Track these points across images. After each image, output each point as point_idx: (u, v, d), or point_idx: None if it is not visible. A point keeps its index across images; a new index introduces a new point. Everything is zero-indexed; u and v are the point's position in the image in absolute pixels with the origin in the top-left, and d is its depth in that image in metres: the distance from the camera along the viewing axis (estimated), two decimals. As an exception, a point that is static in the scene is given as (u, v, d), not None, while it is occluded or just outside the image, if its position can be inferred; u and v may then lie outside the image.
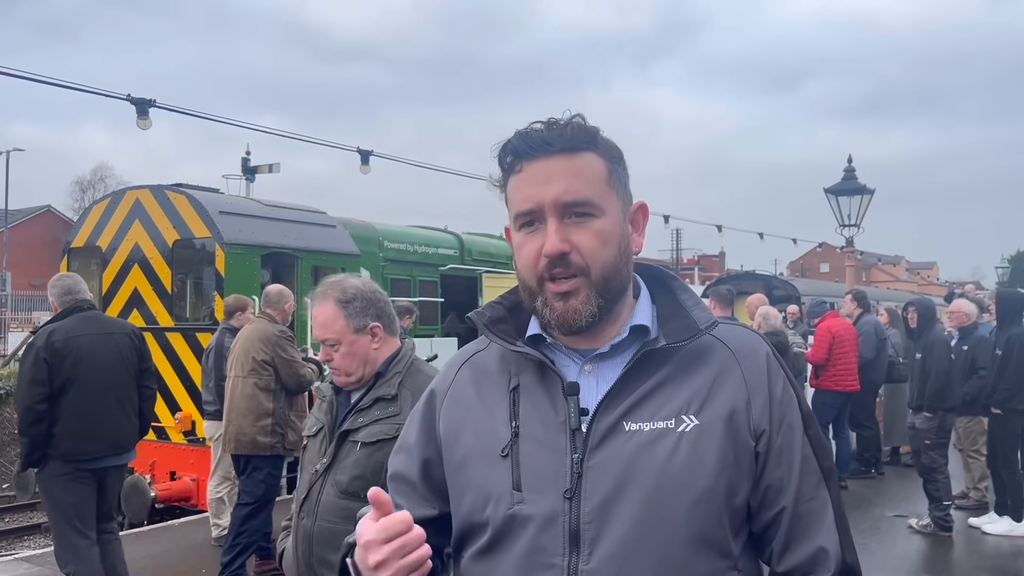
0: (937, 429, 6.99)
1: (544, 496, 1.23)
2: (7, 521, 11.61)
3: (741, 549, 1.27)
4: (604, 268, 1.27)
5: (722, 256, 57.78)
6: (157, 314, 9.09)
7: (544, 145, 1.27)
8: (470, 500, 1.30)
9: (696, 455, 1.22)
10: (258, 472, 5.81)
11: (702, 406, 1.25)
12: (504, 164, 1.32)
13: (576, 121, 1.29)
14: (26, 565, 6.66)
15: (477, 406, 1.35)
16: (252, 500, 5.77)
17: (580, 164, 1.27)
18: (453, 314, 12.86)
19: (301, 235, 9.78)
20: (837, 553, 1.27)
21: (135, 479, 8.22)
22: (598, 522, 1.20)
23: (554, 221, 1.26)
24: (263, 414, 5.75)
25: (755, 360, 1.31)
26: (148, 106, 9.88)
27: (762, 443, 1.26)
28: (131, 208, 9.42)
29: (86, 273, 10.04)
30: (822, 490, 1.29)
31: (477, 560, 1.29)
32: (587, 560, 1.20)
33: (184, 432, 8.64)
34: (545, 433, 1.26)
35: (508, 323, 1.37)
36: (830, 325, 8.86)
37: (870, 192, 12.33)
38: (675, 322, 1.32)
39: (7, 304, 26.44)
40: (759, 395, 1.28)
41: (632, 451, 1.22)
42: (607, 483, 1.21)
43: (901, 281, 76.91)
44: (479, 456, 1.30)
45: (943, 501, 6.97)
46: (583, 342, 1.32)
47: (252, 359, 5.80)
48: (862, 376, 8.84)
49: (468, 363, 1.43)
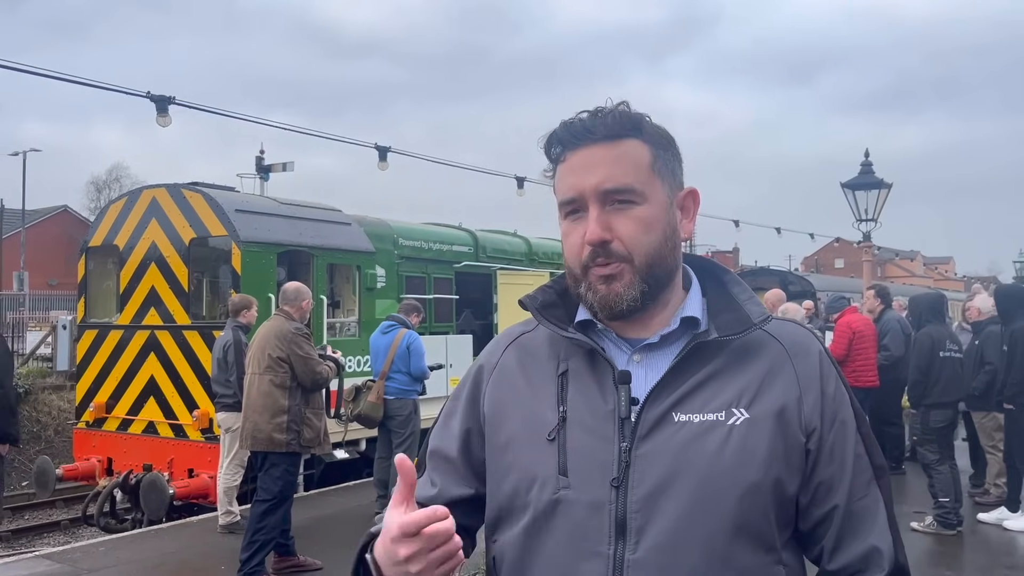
0: (922, 426, 7.01)
1: (590, 483, 1.23)
2: (27, 518, 11.70)
3: (786, 544, 1.26)
4: (647, 254, 1.27)
5: (736, 252, 57.59)
6: (174, 312, 9.13)
7: (587, 134, 1.27)
8: (513, 481, 1.29)
9: (745, 449, 1.21)
10: (275, 469, 5.83)
11: (753, 400, 1.24)
12: (551, 155, 1.33)
13: (620, 109, 1.29)
14: (47, 562, 6.71)
15: (524, 388, 1.34)
16: (270, 497, 5.79)
17: (622, 151, 1.27)
18: (467, 311, 12.85)
19: (316, 233, 9.80)
20: (891, 552, 1.26)
21: (154, 476, 8.27)
22: (645, 512, 1.20)
23: (595, 209, 1.27)
24: (279, 411, 5.78)
25: (808, 357, 1.30)
26: (168, 103, 9.93)
27: (813, 440, 1.26)
28: (148, 207, 9.46)
29: (104, 272, 10.12)
30: (874, 488, 1.29)
31: (515, 542, 1.29)
32: (634, 549, 1.19)
33: (202, 430, 8.67)
34: (593, 420, 1.26)
35: (559, 308, 1.37)
36: (850, 321, 8.79)
37: (887, 186, 12.22)
38: (727, 315, 1.31)
39: (25, 303, 26.65)
40: (811, 392, 1.27)
41: (681, 442, 1.22)
42: (655, 473, 1.21)
43: (917, 276, 76.38)
44: (525, 438, 1.30)
45: (939, 498, 6.92)
46: (632, 330, 1.32)
47: (268, 356, 5.82)
48: (890, 373, 8.79)
49: (516, 343, 1.42)
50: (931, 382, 6.96)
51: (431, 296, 11.72)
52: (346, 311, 10.40)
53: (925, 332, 7.16)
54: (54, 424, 15.16)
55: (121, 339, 9.47)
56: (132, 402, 9.31)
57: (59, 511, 11.89)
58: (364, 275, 10.35)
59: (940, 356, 6.99)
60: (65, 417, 14.60)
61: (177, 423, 8.91)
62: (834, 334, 8.87)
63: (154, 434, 9.08)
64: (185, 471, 8.72)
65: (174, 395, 8.98)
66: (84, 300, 10.09)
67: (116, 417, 9.42)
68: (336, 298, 10.51)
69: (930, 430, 7.00)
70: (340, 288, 10.54)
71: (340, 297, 10.56)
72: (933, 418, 6.98)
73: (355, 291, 10.31)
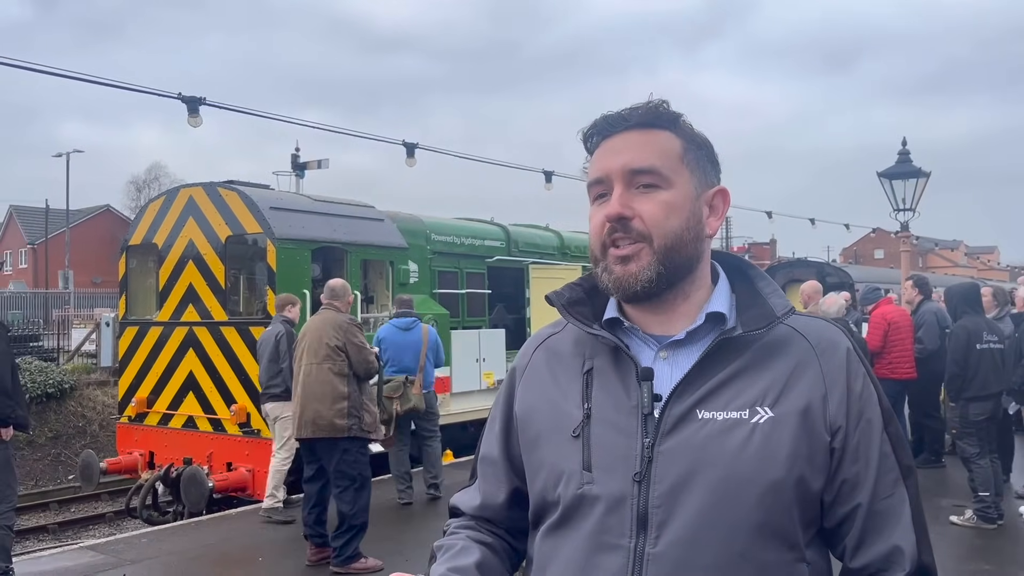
0: (960, 418, 6.88)
1: (613, 478, 1.25)
2: (73, 511, 12.00)
3: (810, 542, 1.27)
4: (667, 237, 1.27)
5: (773, 243, 56.90)
6: (212, 309, 9.29)
7: (621, 121, 1.31)
8: (543, 478, 1.32)
9: (769, 447, 1.21)
10: (347, 454, 5.99)
11: (777, 398, 1.24)
12: (587, 144, 1.36)
13: (658, 103, 1.32)
14: (91, 553, 6.88)
15: (551, 386, 1.37)
16: (350, 482, 5.95)
17: (653, 138, 1.30)
18: (500, 306, 12.89)
19: (350, 229, 9.90)
20: (913, 552, 1.25)
21: (193, 469, 8.43)
22: (666, 507, 1.21)
23: (619, 187, 1.29)
24: (339, 397, 5.95)
25: (834, 354, 1.29)
26: (199, 104, 10.08)
27: (838, 439, 1.25)
28: (185, 206, 9.63)
29: (144, 270, 10.33)
30: (900, 488, 1.28)
31: (547, 537, 1.32)
32: (654, 543, 1.21)
33: (239, 424, 8.83)
34: (617, 416, 1.28)
35: (586, 305, 1.38)
36: (885, 312, 8.65)
37: (926, 175, 12.00)
38: (753, 311, 1.31)
39: (70, 301, 27.26)
40: (836, 390, 1.26)
41: (704, 439, 1.22)
42: (677, 469, 1.22)
43: (960, 267, 74.84)
44: (551, 435, 1.32)
45: (978, 492, 6.81)
46: (658, 327, 1.32)
47: (326, 345, 5.99)
48: (927, 366, 8.63)
49: (544, 345, 1.45)
50: (969, 375, 6.82)
51: (464, 291, 11.78)
52: (379, 306, 10.49)
53: (961, 324, 7.02)
54: (99, 419, 15.51)
55: (161, 335, 9.67)
56: (172, 397, 9.50)
57: (104, 504, 12.18)
58: (397, 270, 10.43)
59: (977, 348, 6.86)
60: (109, 412, 14.93)
61: (215, 418, 9.08)
62: (869, 326, 8.74)
63: (193, 428, 9.26)
64: (224, 465, 8.88)
65: (212, 390, 9.15)
66: (125, 297, 10.31)
67: (157, 412, 9.62)
68: (370, 293, 10.61)
69: (969, 423, 6.87)
70: (374, 283, 10.64)
71: (374, 292, 10.66)
72: (972, 411, 6.86)
73: (388, 286, 10.40)
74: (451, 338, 10.63)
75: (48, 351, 19.37)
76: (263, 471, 8.47)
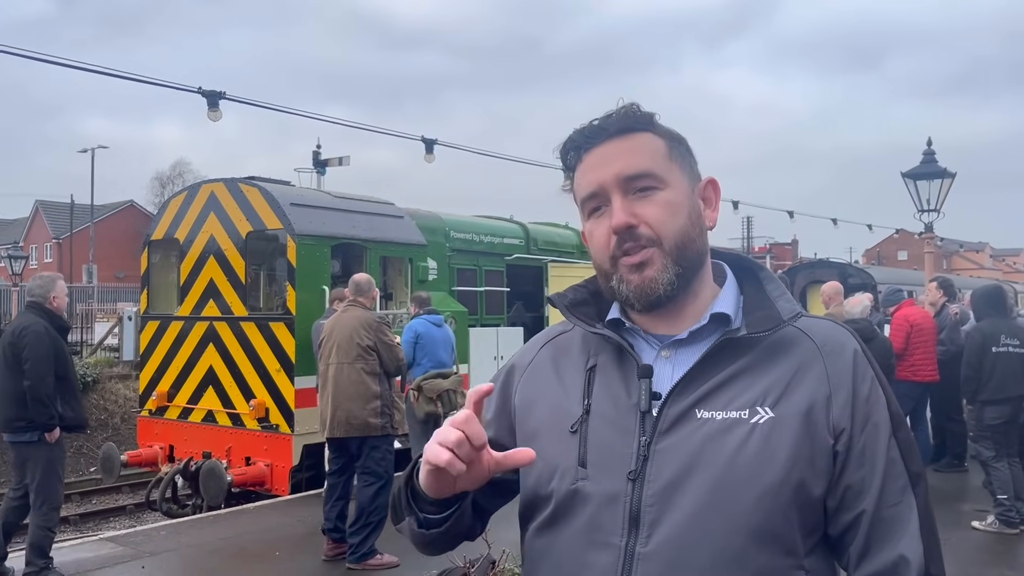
0: (976, 421, 6.83)
1: (608, 475, 1.23)
2: (95, 503, 12.15)
3: (811, 549, 1.22)
4: (676, 236, 1.26)
5: (795, 244, 56.50)
6: (232, 304, 9.35)
7: (600, 132, 1.29)
8: (537, 472, 1.31)
9: (767, 448, 1.18)
10: (376, 451, 6.04)
11: (779, 399, 1.21)
12: (567, 161, 1.34)
13: (630, 107, 1.31)
14: (110, 545, 6.96)
15: (554, 382, 1.36)
16: (376, 479, 6.01)
17: (637, 142, 1.29)
18: (519, 304, 12.89)
19: (370, 226, 9.93)
20: (920, 563, 1.20)
21: (212, 464, 8.50)
22: (659, 506, 1.19)
23: (618, 197, 1.27)
24: (372, 396, 6.00)
25: (841, 355, 1.26)
26: (218, 98, 10.14)
27: (842, 442, 1.22)
28: (207, 201, 9.70)
29: (166, 265, 10.42)
30: (908, 495, 1.23)
31: (540, 535, 1.31)
32: (645, 543, 1.19)
33: (258, 419, 8.89)
34: (616, 413, 1.26)
35: (590, 306, 1.38)
36: (907, 314, 8.57)
37: (951, 176, 11.84)
38: (759, 312, 1.29)
39: (94, 295, 27.56)
40: (841, 392, 1.23)
41: (702, 439, 1.20)
42: (672, 468, 1.20)
43: (985, 268, 73.94)
44: (549, 430, 1.31)
45: (997, 495, 6.75)
46: (663, 326, 1.31)
47: (357, 345, 6.02)
48: (949, 369, 8.54)
49: (551, 342, 1.44)
50: (984, 378, 6.76)
51: (482, 288, 11.79)
52: (398, 303, 10.52)
53: (977, 327, 6.98)
54: (120, 412, 15.70)
55: (182, 330, 9.75)
56: (192, 391, 9.58)
57: (124, 496, 12.32)
58: (416, 267, 10.46)
59: (993, 351, 6.78)
60: (131, 405, 15.10)
61: (235, 412, 9.14)
62: (891, 327, 8.65)
63: (213, 423, 9.33)
64: (243, 459, 8.94)
65: (232, 385, 9.21)
66: (147, 292, 10.40)
67: (177, 406, 9.71)
68: (389, 290, 10.65)
69: (985, 427, 6.81)
70: (393, 280, 10.67)
71: (393, 289, 10.69)
72: (988, 414, 6.79)
73: (407, 283, 10.43)
74: (469, 336, 10.65)
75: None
76: (281, 466, 8.52)
